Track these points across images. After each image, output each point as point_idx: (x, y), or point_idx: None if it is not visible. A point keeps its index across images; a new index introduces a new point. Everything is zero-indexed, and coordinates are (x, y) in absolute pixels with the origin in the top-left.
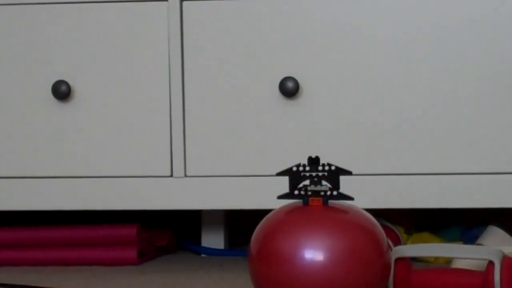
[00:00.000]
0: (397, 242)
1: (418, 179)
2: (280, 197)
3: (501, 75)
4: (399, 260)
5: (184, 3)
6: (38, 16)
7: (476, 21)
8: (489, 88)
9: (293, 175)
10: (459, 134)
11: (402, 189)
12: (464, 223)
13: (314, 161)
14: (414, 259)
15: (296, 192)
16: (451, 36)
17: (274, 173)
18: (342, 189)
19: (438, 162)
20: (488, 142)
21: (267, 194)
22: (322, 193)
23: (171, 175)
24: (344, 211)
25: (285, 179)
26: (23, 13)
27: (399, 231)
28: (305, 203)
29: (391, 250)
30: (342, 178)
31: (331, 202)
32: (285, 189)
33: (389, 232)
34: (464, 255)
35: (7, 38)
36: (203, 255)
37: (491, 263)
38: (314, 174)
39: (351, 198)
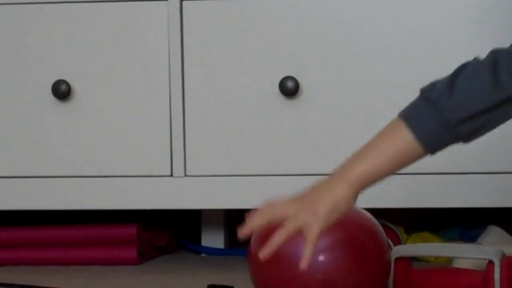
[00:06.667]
0: (397, 242)
1: (418, 179)
2: None
3: None
4: (399, 260)
5: (184, 3)
6: (39, 16)
7: (472, 21)
8: None
9: None
10: None
11: (402, 189)
12: (464, 223)
13: None
14: (414, 259)
15: None
16: (450, 35)
17: (274, 173)
18: None
19: (438, 162)
20: (488, 142)
21: (267, 194)
22: None
23: (171, 175)
24: None
25: (286, 179)
26: (23, 13)
27: (399, 231)
28: None
29: (391, 250)
30: None
31: None
32: (285, 189)
33: (389, 232)
34: (464, 255)
35: (7, 38)
36: (203, 255)
37: (491, 263)
38: None
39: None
